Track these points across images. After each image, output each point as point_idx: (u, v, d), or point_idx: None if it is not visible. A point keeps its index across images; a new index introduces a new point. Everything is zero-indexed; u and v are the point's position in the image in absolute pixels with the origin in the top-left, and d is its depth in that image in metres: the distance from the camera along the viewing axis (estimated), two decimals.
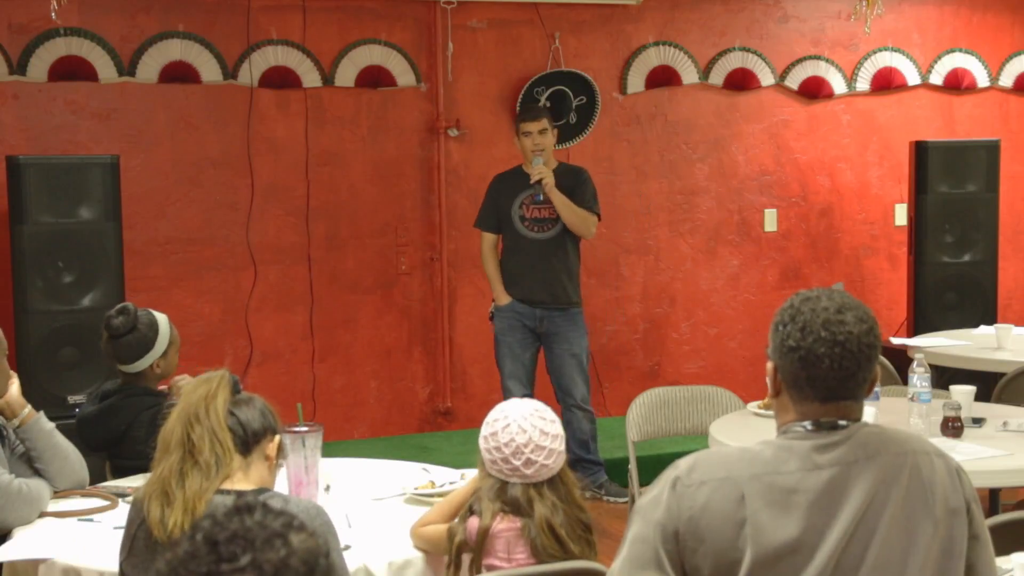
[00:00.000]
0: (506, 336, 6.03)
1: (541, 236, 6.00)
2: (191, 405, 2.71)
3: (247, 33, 6.59)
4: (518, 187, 6.01)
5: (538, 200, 5.94)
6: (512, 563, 2.90)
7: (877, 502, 2.13)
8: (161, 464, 2.68)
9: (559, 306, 6.02)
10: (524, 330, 6.02)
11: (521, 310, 6.01)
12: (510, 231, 6.05)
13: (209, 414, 2.68)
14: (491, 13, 7.07)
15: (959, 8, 8.00)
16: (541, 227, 6.00)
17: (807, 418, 2.19)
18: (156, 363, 3.93)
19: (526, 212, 6.00)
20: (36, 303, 5.61)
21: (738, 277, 7.66)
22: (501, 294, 6.03)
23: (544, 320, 6.01)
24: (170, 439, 2.69)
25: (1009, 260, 7.98)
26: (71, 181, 5.67)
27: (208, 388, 2.73)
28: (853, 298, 2.23)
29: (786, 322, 2.20)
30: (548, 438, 2.94)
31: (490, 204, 6.11)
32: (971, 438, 3.96)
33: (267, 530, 1.42)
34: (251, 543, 1.41)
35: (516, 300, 6.00)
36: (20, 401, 3.53)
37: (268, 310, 6.74)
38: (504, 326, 6.04)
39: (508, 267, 6.05)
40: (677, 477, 2.16)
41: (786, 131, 7.69)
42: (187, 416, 2.69)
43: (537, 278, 6.00)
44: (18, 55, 6.21)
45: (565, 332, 6.03)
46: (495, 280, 6.06)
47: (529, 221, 6.00)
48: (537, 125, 5.96)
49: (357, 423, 6.95)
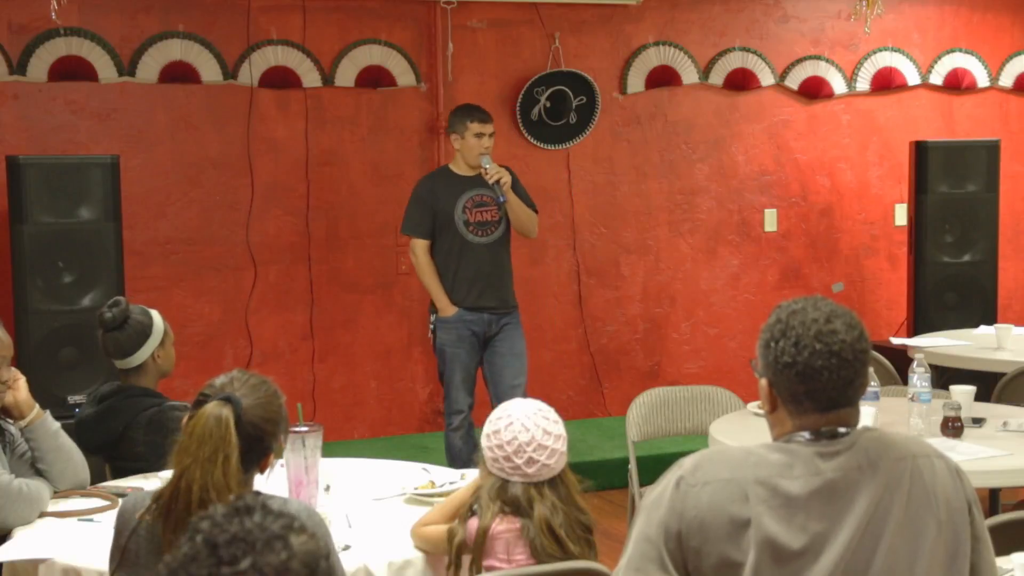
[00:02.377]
0: (455, 348, 5.72)
1: (486, 240, 5.74)
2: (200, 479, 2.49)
3: (247, 33, 6.59)
4: (457, 189, 5.73)
5: (500, 201, 5.67)
6: (512, 564, 2.90)
7: (882, 508, 2.12)
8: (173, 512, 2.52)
9: (507, 310, 5.81)
10: (473, 339, 5.74)
11: (471, 318, 5.72)
12: (451, 236, 5.71)
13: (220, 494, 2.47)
14: (491, 13, 7.08)
15: (959, 8, 8.00)
16: (485, 230, 5.74)
17: (806, 429, 2.18)
18: (156, 354, 3.91)
19: (470, 216, 5.72)
20: (36, 303, 5.61)
21: (738, 277, 7.67)
22: (447, 305, 5.69)
23: (492, 324, 5.76)
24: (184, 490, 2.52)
25: (1009, 260, 7.98)
26: (71, 181, 5.67)
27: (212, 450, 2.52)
28: (838, 305, 2.21)
29: (777, 338, 2.18)
30: (551, 438, 2.94)
31: (423, 208, 5.74)
32: (971, 438, 3.96)
33: (267, 532, 1.42)
34: (251, 545, 1.40)
35: (464, 308, 5.71)
36: (29, 402, 3.54)
37: (268, 310, 6.74)
38: (452, 338, 5.72)
39: (454, 274, 5.72)
40: (681, 476, 2.15)
41: (786, 131, 7.69)
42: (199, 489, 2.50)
43: (487, 284, 5.74)
44: (18, 55, 6.21)
45: (510, 333, 5.80)
46: (438, 290, 5.71)
47: (473, 225, 5.72)
48: (491, 127, 5.74)
49: (357, 423, 6.95)
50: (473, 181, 5.74)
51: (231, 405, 2.53)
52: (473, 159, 5.71)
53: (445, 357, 5.77)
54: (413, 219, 5.79)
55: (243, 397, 2.56)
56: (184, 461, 2.50)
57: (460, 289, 5.72)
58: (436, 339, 5.79)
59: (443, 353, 5.77)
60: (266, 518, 1.44)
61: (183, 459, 2.51)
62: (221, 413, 2.51)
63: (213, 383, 2.60)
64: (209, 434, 2.50)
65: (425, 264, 5.74)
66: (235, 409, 2.52)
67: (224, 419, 2.50)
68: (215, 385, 2.59)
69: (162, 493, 2.55)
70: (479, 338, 5.76)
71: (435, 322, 5.77)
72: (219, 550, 1.40)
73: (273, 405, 2.62)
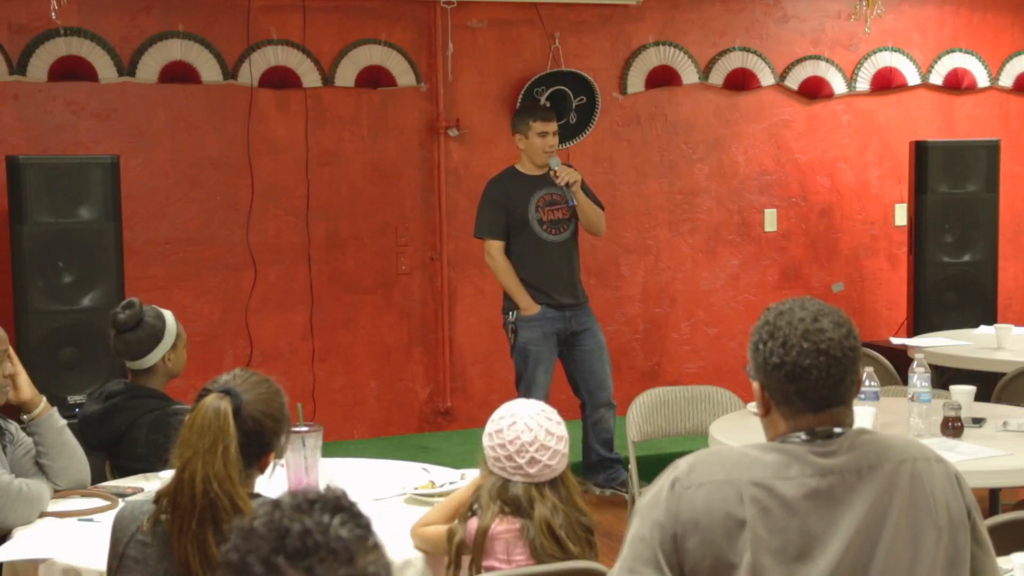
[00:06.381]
0: (540, 346, 5.82)
1: (559, 238, 5.89)
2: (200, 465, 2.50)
3: (247, 33, 6.59)
4: (528, 189, 5.86)
5: (572, 204, 5.82)
6: (511, 564, 2.90)
7: (880, 511, 2.12)
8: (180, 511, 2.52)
9: (582, 305, 5.96)
10: (554, 338, 5.87)
11: (552, 316, 5.84)
12: (525, 236, 5.85)
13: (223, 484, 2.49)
14: (491, 13, 7.08)
15: (959, 8, 8.00)
16: (558, 228, 5.89)
17: (800, 429, 2.18)
18: (167, 357, 3.92)
19: (543, 215, 5.86)
20: (36, 303, 5.61)
21: (738, 277, 7.67)
22: (531, 303, 5.80)
23: (572, 321, 5.90)
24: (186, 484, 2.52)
25: (1009, 260, 7.99)
26: (71, 181, 5.67)
27: (212, 440, 2.53)
28: (826, 304, 2.22)
29: (765, 339, 2.18)
30: (554, 439, 2.94)
31: (497, 209, 5.86)
32: (971, 438, 3.95)
33: (339, 540, 1.37)
34: (317, 547, 1.36)
35: (544, 306, 5.82)
36: (36, 396, 3.54)
37: (268, 310, 6.74)
38: (537, 335, 5.82)
39: (531, 273, 5.84)
40: (676, 478, 2.15)
41: (786, 131, 7.69)
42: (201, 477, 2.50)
43: (564, 281, 5.89)
44: (18, 55, 6.21)
45: (591, 326, 5.96)
46: (520, 289, 5.79)
47: (547, 224, 5.86)
48: (553, 125, 5.88)
49: (357, 423, 6.95)
50: (542, 180, 5.87)
51: (229, 397, 2.56)
52: (538, 158, 5.84)
53: (528, 355, 5.83)
54: (487, 221, 5.88)
55: (244, 392, 2.58)
56: (185, 453, 2.53)
57: (537, 287, 5.82)
58: (517, 338, 5.84)
59: (526, 352, 5.83)
60: (345, 524, 1.39)
61: (184, 451, 2.53)
62: (219, 405, 2.54)
63: (216, 380, 2.64)
64: (208, 425, 2.52)
65: (503, 264, 5.82)
66: (234, 401, 2.55)
67: (223, 411, 2.53)
68: (218, 381, 2.63)
69: (164, 492, 2.56)
70: (559, 336, 5.87)
71: (516, 321, 5.83)
72: (287, 538, 1.36)
73: (274, 403, 2.64)
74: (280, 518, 1.38)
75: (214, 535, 2.48)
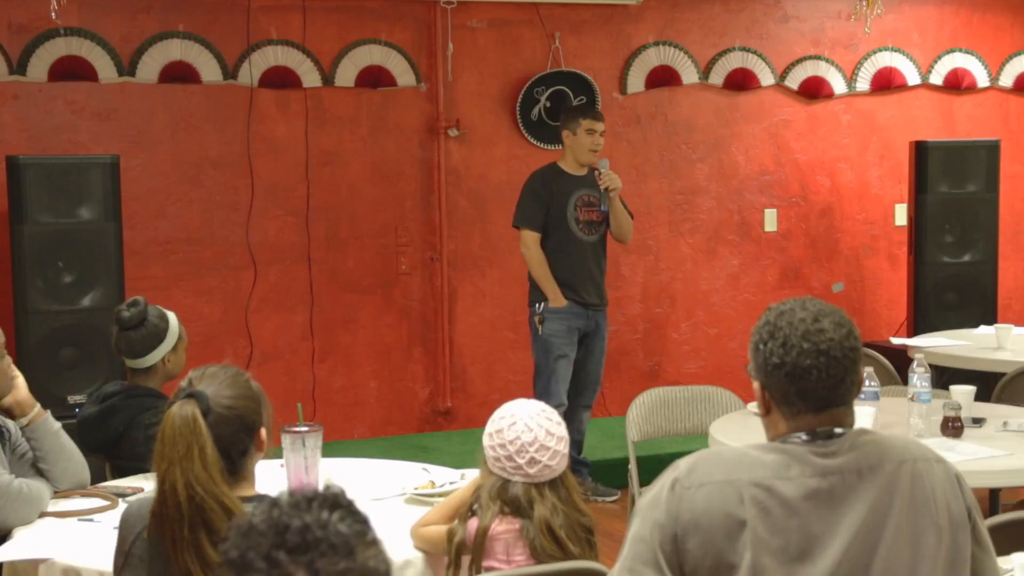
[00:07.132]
0: (562, 339, 5.90)
1: (592, 238, 5.99)
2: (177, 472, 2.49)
3: (247, 33, 6.59)
4: (570, 187, 5.93)
5: (604, 209, 5.90)
6: (511, 564, 2.90)
7: (880, 512, 2.12)
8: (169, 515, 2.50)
9: (603, 306, 6.07)
10: (576, 334, 5.95)
11: (577, 311, 5.93)
12: (561, 232, 5.93)
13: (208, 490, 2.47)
14: (491, 13, 7.08)
15: (959, 8, 8.00)
16: (591, 229, 5.97)
17: (801, 430, 2.18)
18: (167, 358, 3.93)
19: (580, 214, 5.93)
20: (36, 303, 5.61)
21: (738, 277, 7.67)
22: (559, 296, 5.88)
23: (592, 320, 6.00)
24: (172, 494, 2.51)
25: (1009, 260, 7.98)
26: (71, 181, 5.67)
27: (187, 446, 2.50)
28: (827, 304, 2.21)
29: (765, 340, 2.18)
30: (554, 439, 2.94)
31: (538, 202, 5.93)
32: (971, 438, 3.95)
33: (339, 535, 1.38)
34: (317, 542, 1.37)
35: (571, 302, 5.91)
36: (30, 400, 3.54)
37: (268, 310, 6.74)
38: (563, 328, 5.90)
39: (563, 270, 5.92)
40: (676, 478, 2.15)
41: (786, 131, 7.69)
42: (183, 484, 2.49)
43: (591, 280, 5.98)
44: (18, 55, 6.21)
45: (602, 330, 6.07)
46: (550, 281, 5.88)
47: (583, 223, 5.94)
48: (601, 126, 5.95)
49: (357, 423, 6.95)
50: (582, 180, 5.96)
51: (193, 399, 2.53)
52: (583, 156, 5.92)
53: (551, 348, 5.89)
54: (527, 212, 5.95)
55: (206, 388, 2.56)
56: (162, 466, 2.51)
57: (566, 284, 5.89)
58: (543, 329, 5.90)
59: (549, 344, 5.90)
60: (344, 520, 1.40)
61: (161, 464, 2.51)
62: (185, 411, 2.51)
63: (180, 387, 2.61)
64: (178, 433, 2.50)
65: (537, 255, 5.90)
66: (199, 402, 2.53)
67: (189, 414, 2.51)
68: (180, 387, 2.60)
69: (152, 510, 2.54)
70: (580, 332, 5.95)
71: (543, 312, 5.90)
72: (287, 534, 1.37)
73: (239, 382, 2.62)
74: (279, 515, 1.39)
75: (207, 538, 2.47)
